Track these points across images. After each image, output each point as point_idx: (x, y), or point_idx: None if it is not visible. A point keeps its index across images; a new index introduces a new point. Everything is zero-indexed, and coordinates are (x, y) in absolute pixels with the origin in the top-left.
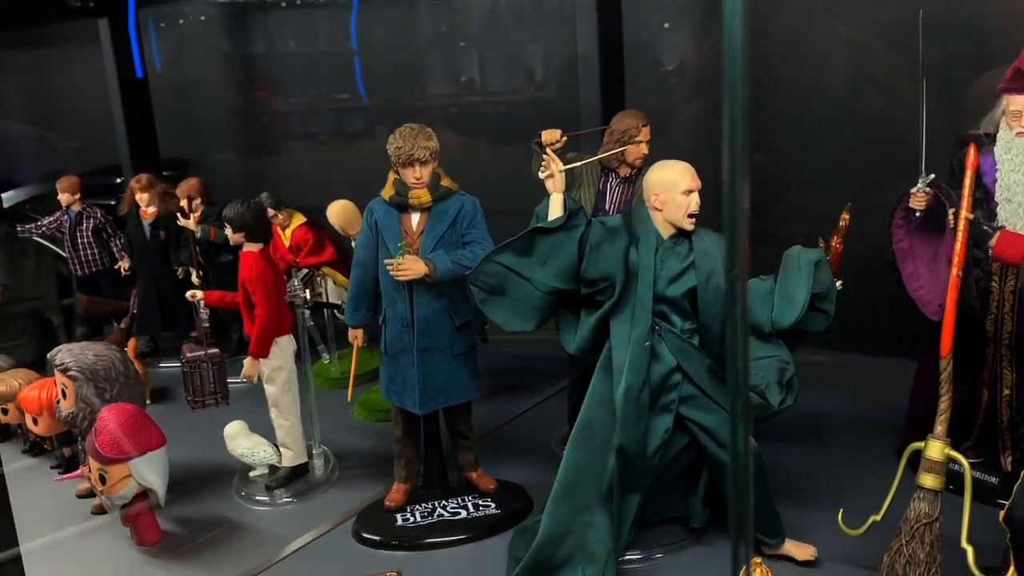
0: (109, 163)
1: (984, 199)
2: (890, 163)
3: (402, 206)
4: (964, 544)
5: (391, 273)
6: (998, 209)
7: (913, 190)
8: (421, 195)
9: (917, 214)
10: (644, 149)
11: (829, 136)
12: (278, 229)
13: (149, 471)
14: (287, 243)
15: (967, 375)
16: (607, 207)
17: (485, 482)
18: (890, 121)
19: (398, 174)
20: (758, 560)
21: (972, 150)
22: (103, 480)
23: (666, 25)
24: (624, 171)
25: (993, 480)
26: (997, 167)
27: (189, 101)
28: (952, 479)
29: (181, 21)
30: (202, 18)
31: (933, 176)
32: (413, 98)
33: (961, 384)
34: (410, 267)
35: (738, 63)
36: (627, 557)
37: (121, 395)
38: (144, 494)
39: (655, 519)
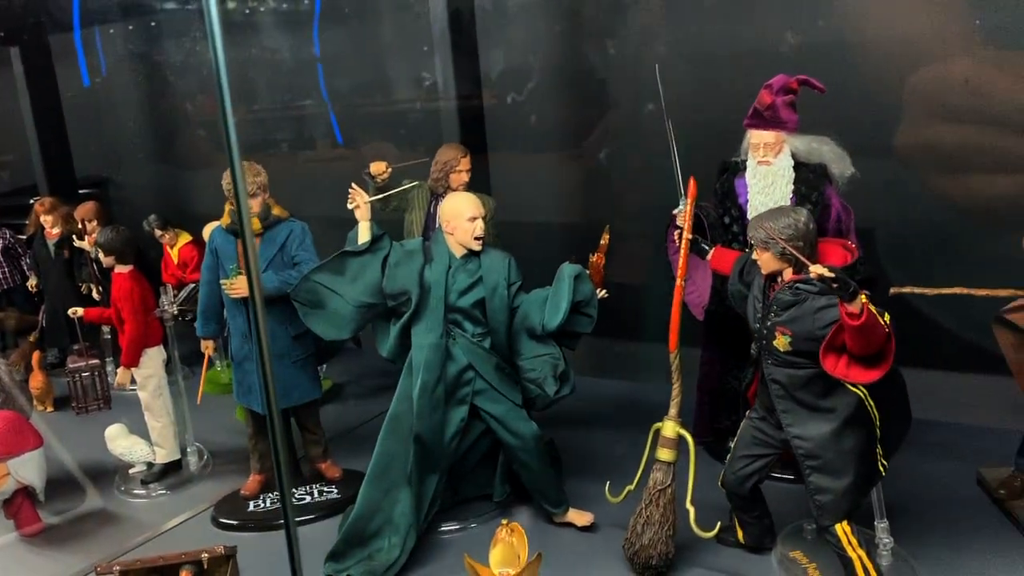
0: (29, 183)
1: (740, 216)
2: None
3: (237, 232)
4: (688, 505)
5: (225, 291)
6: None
7: (675, 211)
8: (252, 223)
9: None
10: (465, 177)
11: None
12: (167, 248)
13: (26, 470)
14: (175, 260)
15: (743, 366)
16: (436, 227)
17: (332, 471)
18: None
19: (233, 205)
20: (505, 520)
21: (691, 182)
22: None
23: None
24: None
25: None
26: (748, 190)
27: (108, 119)
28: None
29: (97, 42)
30: (111, 32)
31: None
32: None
33: (740, 374)
34: (241, 286)
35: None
36: (445, 528)
37: (7, 404)
38: (25, 490)
39: (469, 496)
